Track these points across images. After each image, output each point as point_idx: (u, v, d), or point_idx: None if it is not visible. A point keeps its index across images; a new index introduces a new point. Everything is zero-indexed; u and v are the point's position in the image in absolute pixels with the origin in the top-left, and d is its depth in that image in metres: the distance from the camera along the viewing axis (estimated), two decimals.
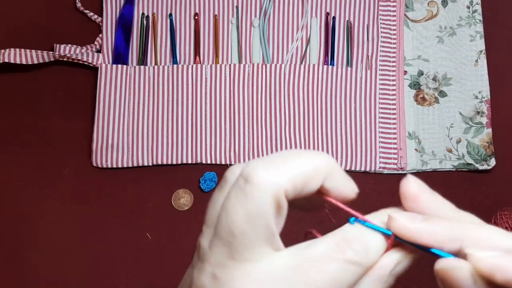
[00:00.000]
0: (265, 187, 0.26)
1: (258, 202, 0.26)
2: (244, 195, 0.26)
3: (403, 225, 0.27)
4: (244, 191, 0.26)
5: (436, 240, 0.26)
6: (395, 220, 0.27)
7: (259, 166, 0.26)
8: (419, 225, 0.27)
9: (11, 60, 0.74)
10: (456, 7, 0.79)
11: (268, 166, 0.26)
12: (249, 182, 0.26)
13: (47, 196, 0.73)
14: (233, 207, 0.26)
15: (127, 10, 0.77)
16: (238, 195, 0.26)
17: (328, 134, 0.75)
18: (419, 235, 0.26)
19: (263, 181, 0.26)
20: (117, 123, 0.74)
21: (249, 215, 0.26)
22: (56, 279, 0.71)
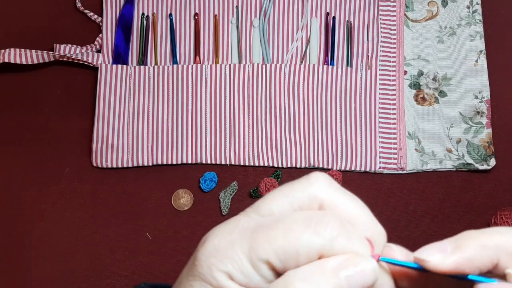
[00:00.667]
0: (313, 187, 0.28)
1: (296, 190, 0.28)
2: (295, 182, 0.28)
3: (437, 264, 0.25)
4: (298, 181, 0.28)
5: (473, 266, 0.25)
6: (428, 262, 0.25)
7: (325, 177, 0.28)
8: (452, 259, 0.25)
9: (11, 60, 0.74)
10: (456, 7, 0.79)
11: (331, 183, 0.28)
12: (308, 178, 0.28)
13: (47, 196, 0.73)
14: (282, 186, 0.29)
15: (127, 10, 0.77)
16: (293, 181, 0.28)
17: (328, 134, 0.75)
18: (456, 268, 0.25)
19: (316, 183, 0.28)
20: (117, 123, 0.74)
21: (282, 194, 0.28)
22: (56, 279, 0.71)
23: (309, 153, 0.74)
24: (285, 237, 0.25)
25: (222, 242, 0.26)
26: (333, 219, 0.26)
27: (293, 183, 0.28)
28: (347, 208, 0.27)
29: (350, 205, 0.27)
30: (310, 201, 0.27)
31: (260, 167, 0.75)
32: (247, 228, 0.27)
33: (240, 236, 0.26)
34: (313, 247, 0.25)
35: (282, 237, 0.25)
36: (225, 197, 0.73)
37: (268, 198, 0.28)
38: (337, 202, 0.27)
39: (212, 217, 0.73)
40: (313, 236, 0.25)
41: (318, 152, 0.74)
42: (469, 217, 0.74)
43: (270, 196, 0.28)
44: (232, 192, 0.73)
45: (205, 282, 0.26)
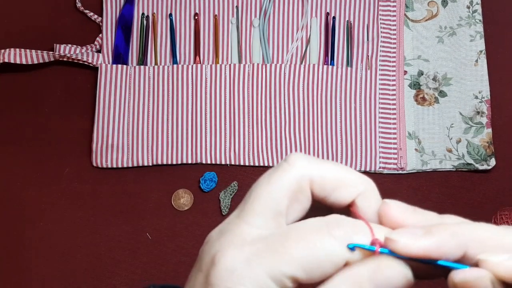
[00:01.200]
0: (296, 168, 0.28)
1: (283, 176, 0.28)
2: (276, 169, 0.28)
3: (405, 246, 0.25)
4: (279, 166, 0.28)
5: (442, 252, 0.25)
6: (396, 242, 0.25)
7: (301, 155, 0.28)
8: (422, 242, 0.25)
9: (11, 60, 0.74)
10: (456, 7, 0.79)
11: (308, 159, 0.28)
12: (286, 161, 0.28)
13: (47, 196, 0.73)
14: (264, 175, 0.28)
15: (127, 10, 0.77)
16: (274, 168, 0.28)
17: (328, 134, 0.75)
18: (424, 251, 0.25)
19: (297, 163, 0.28)
20: (117, 123, 0.74)
21: (270, 184, 0.28)
22: (56, 279, 0.71)
23: (309, 153, 0.74)
24: (306, 248, 0.25)
25: (236, 263, 0.25)
26: (341, 218, 0.26)
27: (276, 170, 0.28)
28: (334, 175, 0.28)
29: (335, 171, 0.28)
30: (299, 182, 0.28)
31: (260, 167, 0.75)
32: (258, 242, 0.26)
33: (255, 252, 0.25)
34: (338, 254, 0.25)
35: (302, 248, 0.25)
36: (225, 197, 0.73)
37: (258, 195, 0.28)
38: (323, 173, 0.28)
39: (212, 217, 0.73)
40: (332, 242, 0.25)
41: (318, 152, 0.74)
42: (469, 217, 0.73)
43: (259, 191, 0.28)
44: (232, 192, 0.73)
45: None
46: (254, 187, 0.28)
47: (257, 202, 0.27)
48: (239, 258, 0.25)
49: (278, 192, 0.27)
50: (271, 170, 0.29)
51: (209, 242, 0.28)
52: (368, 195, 0.28)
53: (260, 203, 0.27)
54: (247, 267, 0.25)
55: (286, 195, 0.27)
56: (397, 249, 0.25)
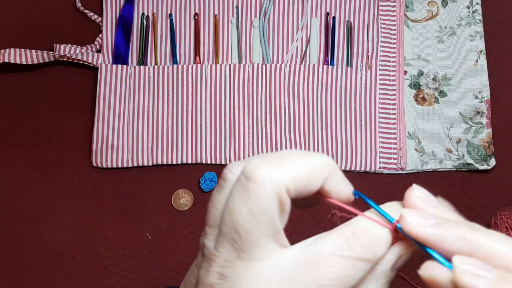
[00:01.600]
0: (268, 184, 0.26)
1: (261, 200, 0.26)
2: (247, 193, 0.26)
3: (414, 228, 0.26)
4: (247, 189, 0.26)
5: (442, 247, 0.26)
6: (407, 222, 0.26)
7: (261, 163, 0.26)
8: (430, 231, 0.26)
9: (11, 60, 0.74)
10: (456, 7, 0.79)
11: (270, 164, 0.26)
12: (252, 179, 0.26)
13: (47, 196, 0.73)
14: (237, 205, 0.26)
15: (127, 10, 0.77)
16: (240, 193, 0.26)
17: (328, 134, 0.75)
18: (429, 240, 0.26)
19: (266, 178, 0.26)
20: (117, 123, 0.74)
21: (253, 213, 0.26)
22: (56, 279, 0.71)
23: None
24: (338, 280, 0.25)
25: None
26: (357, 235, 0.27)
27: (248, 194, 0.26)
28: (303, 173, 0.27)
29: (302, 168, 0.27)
30: (279, 198, 0.26)
31: None
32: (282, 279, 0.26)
33: None
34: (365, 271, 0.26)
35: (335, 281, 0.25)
36: None
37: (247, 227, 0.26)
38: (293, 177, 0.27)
39: None
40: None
41: (318, 152, 0.74)
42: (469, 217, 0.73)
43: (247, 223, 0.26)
44: None
45: None
46: (231, 218, 0.26)
47: (252, 237, 0.26)
48: None
49: (267, 217, 0.26)
50: (239, 193, 0.26)
51: None
52: (333, 176, 0.28)
53: (257, 237, 0.26)
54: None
55: (275, 215, 0.26)
56: (405, 227, 0.26)
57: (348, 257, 0.25)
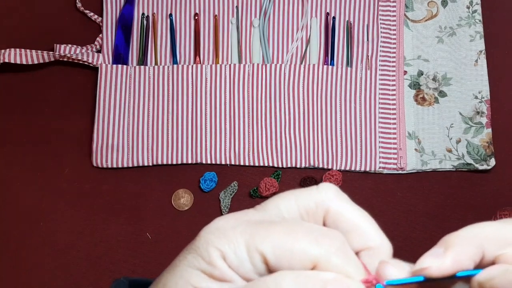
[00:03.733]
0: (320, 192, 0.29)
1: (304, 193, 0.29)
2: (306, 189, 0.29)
3: (438, 268, 0.26)
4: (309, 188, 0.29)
5: (468, 259, 0.26)
6: (429, 268, 0.26)
7: (335, 187, 0.29)
8: (449, 258, 0.26)
9: (11, 60, 0.74)
10: (456, 7, 0.79)
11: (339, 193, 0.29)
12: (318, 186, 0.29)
13: (47, 196, 0.73)
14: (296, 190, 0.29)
15: (127, 10, 0.77)
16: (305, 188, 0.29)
17: (328, 134, 0.75)
18: (454, 265, 0.26)
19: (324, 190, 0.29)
20: (117, 123, 0.74)
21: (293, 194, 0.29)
22: (56, 279, 0.71)
23: (309, 153, 0.74)
24: (286, 236, 0.26)
25: (226, 225, 0.27)
26: (337, 236, 0.26)
27: (304, 189, 0.29)
28: (353, 218, 0.28)
29: (355, 215, 0.28)
30: (317, 207, 0.28)
31: (260, 167, 0.75)
32: (253, 219, 0.28)
33: (244, 223, 0.27)
34: (310, 254, 0.25)
35: (283, 234, 0.26)
36: (225, 197, 0.73)
37: (277, 197, 0.29)
38: (343, 211, 0.28)
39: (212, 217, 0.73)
40: (313, 244, 0.25)
41: (318, 152, 0.74)
42: (469, 217, 0.74)
43: (279, 196, 0.29)
44: (232, 192, 0.73)
45: (198, 256, 0.27)
46: (277, 195, 0.29)
47: (272, 201, 0.28)
48: (230, 223, 0.27)
49: (291, 203, 0.28)
50: (301, 189, 0.29)
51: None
52: (378, 254, 0.28)
53: (273, 203, 0.28)
54: (231, 230, 0.27)
55: (298, 209, 0.28)
56: (431, 274, 0.26)
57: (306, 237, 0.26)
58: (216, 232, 0.27)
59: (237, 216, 0.28)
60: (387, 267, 0.26)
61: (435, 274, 0.26)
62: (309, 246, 0.25)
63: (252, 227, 0.26)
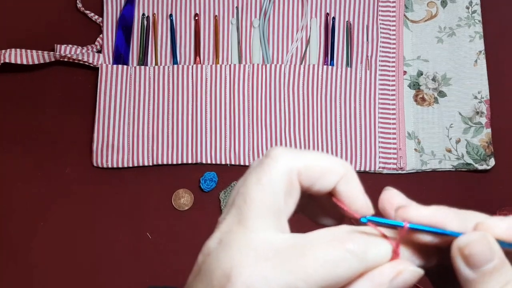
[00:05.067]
0: (280, 161, 0.28)
1: (271, 172, 0.28)
2: (261, 166, 0.28)
3: (415, 211, 0.27)
4: (262, 163, 0.28)
5: (448, 221, 0.27)
6: (408, 209, 0.27)
7: (282, 148, 0.29)
8: (430, 211, 0.27)
9: (11, 60, 0.74)
10: (456, 7, 0.79)
11: (289, 150, 0.29)
12: (268, 156, 0.28)
13: (47, 196, 0.73)
14: (250, 175, 0.28)
15: (127, 11, 0.77)
16: (256, 166, 0.28)
17: (328, 134, 0.75)
18: (432, 218, 0.27)
19: (280, 156, 0.28)
20: (117, 123, 0.74)
21: (262, 183, 0.27)
22: (56, 279, 0.71)
23: None
24: (322, 266, 0.25)
25: (254, 280, 0.25)
26: (355, 233, 0.27)
27: (261, 167, 0.28)
28: (318, 163, 0.29)
29: (318, 159, 0.29)
30: (289, 176, 0.28)
31: None
32: (272, 255, 0.26)
33: (271, 268, 0.25)
34: (351, 267, 0.26)
35: (320, 266, 0.25)
36: (225, 197, 0.73)
37: (253, 197, 0.27)
38: (308, 163, 0.28)
39: (212, 217, 0.73)
40: (347, 256, 0.26)
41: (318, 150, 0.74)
42: None
43: (253, 193, 0.27)
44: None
45: None
46: (243, 189, 0.28)
47: (254, 205, 0.27)
48: (257, 275, 0.25)
49: (272, 190, 0.27)
50: (255, 167, 0.28)
51: (212, 254, 0.27)
52: (349, 178, 0.29)
53: (259, 206, 0.27)
54: (265, 285, 0.25)
55: (281, 191, 0.28)
56: (407, 214, 0.27)
57: (338, 247, 0.26)
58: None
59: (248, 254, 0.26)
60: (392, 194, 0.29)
61: (410, 216, 0.27)
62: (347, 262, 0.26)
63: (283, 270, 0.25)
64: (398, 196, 0.30)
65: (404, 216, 0.27)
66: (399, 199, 0.29)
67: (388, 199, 0.29)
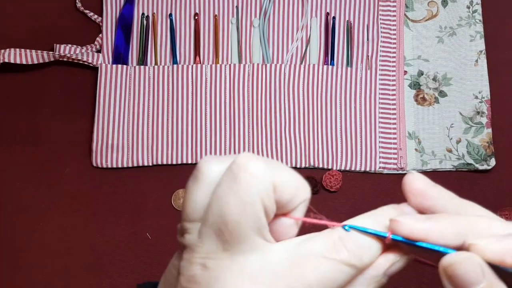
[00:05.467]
0: (259, 176, 0.26)
1: (251, 190, 0.25)
2: (238, 183, 0.26)
3: (409, 227, 0.26)
4: (238, 178, 0.26)
5: (442, 237, 0.26)
6: (400, 223, 0.26)
7: (254, 158, 0.26)
8: (425, 225, 0.26)
9: (11, 60, 0.74)
10: (456, 7, 0.79)
11: (265, 162, 0.26)
12: (244, 170, 0.26)
13: (47, 196, 0.73)
14: (225, 194, 0.26)
15: (127, 10, 0.77)
16: (230, 182, 0.26)
17: (328, 134, 0.75)
18: (426, 234, 0.26)
19: (258, 170, 0.26)
20: (117, 123, 0.74)
21: (242, 202, 0.25)
22: (56, 279, 0.71)
23: (309, 153, 0.74)
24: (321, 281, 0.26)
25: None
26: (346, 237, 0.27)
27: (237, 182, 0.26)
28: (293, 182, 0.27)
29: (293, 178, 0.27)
30: (269, 193, 0.26)
31: None
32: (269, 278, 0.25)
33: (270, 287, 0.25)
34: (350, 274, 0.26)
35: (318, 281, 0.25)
36: None
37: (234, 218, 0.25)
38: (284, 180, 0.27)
39: None
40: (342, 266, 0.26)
41: (318, 152, 0.74)
42: None
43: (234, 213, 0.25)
44: None
45: None
46: (220, 209, 0.26)
47: (238, 227, 0.25)
48: None
49: (254, 210, 0.26)
50: (228, 180, 0.26)
51: (202, 285, 0.26)
52: (306, 203, 0.28)
53: (242, 227, 0.26)
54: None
55: (262, 209, 0.26)
56: (399, 229, 0.26)
57: (334, 259, 0.26)
58: None
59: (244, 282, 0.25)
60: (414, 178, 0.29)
61: (404, 231, 0.26)
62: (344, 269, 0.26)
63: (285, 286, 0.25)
64: (420, 180, 0.29)
65: (397, 231, 0.26)
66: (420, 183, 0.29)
67: (409, 183, 0.29)
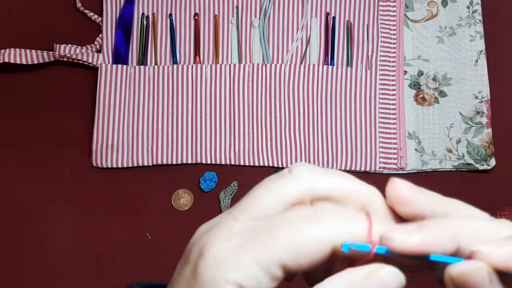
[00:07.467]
0: (299, 181, 0.27)
1: (284, 187, 0.27)
2: (279, 176, 0.28)
3: (401, 242, 0.25)
4: (282, 175, 0.28)
5: (439, 246, 0.25)
6: (392, 240, 0.25)
7: (308, 167, 0.28)
8: (418, 238, 0.25)
9: (11, 60, 0.74)
10: (456, 7, 0.79)
11: (315, 170, 0.28)
12: (291, 171, 0.28)
13: (47, 196, 0.73)
14: (266, 180, 0.28)
15: (127, 10, 0.77)
16: (277, 175, 0.28)
17: (328, 134, 0.75)
18: (420, 246, 0.25)
19: (301, 176, 0.27)
20: (117, 123, 0.74)
21: (271, 191, 0.27)
22: (56, 279, 0.71)
23: (309, 153, 0.74)
24: (290, 233, 0.25)
25: (223, 252, 0.25)
26: (330, 208, 0.27)
27: (279, 179, 0.27)
28: (340, 188, 0.28)
29: (340, 184, 0.28)
30: (301, 196, 0.27)
31: (260, 167, 0.75)
32: (246, 233, 0.26)
33: (242, 242, 0.25)
34: (323, 239, 0.25)
35: (290, 235, 0.25)
36: (225, 197, 0.73)
37: (255, 197, 0.27)
38: (329, 187, 0.27)
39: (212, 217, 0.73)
40: (319, 228, 0.25)
41: (318, 152, 0.74)
42: None
43: (257, 195, 0.27)
44: (232, 192, 0.73)
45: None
46: (254, 189, 0.28)
47: (251, 203, 0.27)
48: (226, 247, 0.25)
49: (275, 201, 0.27)
50: (274, 177, 0.28)
51: (198, 235, 0.28)
52: (374, 206, 0.28)
53: (254, 206, 0.27)
54: (234, 256, 0.25)
55: (283, 205, 0.27)
56: (394, 247, 0.25)
57: (311, 221, 0.25)
58: (219, 265, 0.25)
59: (225, 234, 0.26)
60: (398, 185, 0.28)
61: (397, 248, 0.25)
62: (318, 233, 0.25)
63: (254, 242, 0.25)
64: (404, 186, 0.28)
65: (389, 247, 0.25)
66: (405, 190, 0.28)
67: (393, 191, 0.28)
